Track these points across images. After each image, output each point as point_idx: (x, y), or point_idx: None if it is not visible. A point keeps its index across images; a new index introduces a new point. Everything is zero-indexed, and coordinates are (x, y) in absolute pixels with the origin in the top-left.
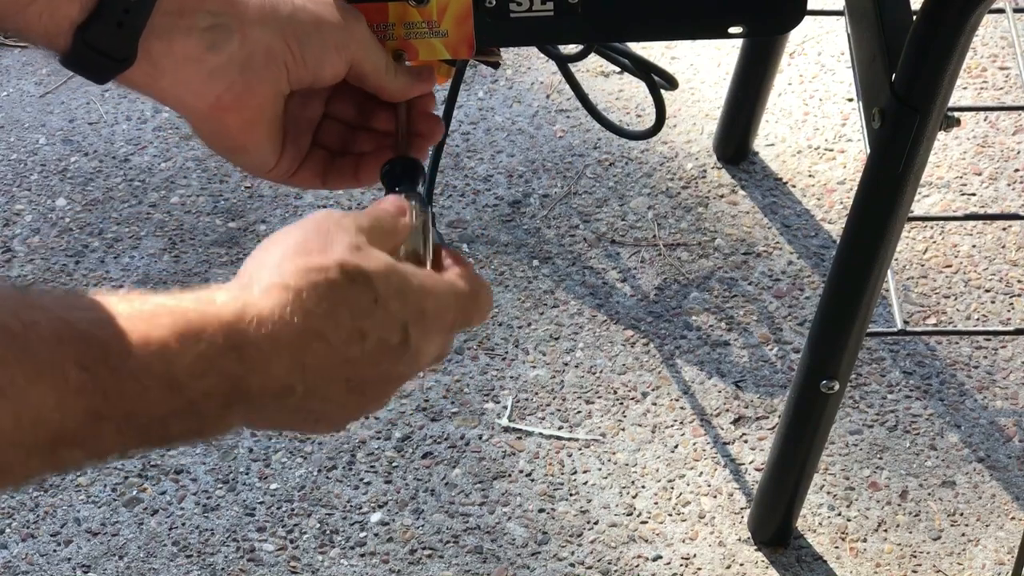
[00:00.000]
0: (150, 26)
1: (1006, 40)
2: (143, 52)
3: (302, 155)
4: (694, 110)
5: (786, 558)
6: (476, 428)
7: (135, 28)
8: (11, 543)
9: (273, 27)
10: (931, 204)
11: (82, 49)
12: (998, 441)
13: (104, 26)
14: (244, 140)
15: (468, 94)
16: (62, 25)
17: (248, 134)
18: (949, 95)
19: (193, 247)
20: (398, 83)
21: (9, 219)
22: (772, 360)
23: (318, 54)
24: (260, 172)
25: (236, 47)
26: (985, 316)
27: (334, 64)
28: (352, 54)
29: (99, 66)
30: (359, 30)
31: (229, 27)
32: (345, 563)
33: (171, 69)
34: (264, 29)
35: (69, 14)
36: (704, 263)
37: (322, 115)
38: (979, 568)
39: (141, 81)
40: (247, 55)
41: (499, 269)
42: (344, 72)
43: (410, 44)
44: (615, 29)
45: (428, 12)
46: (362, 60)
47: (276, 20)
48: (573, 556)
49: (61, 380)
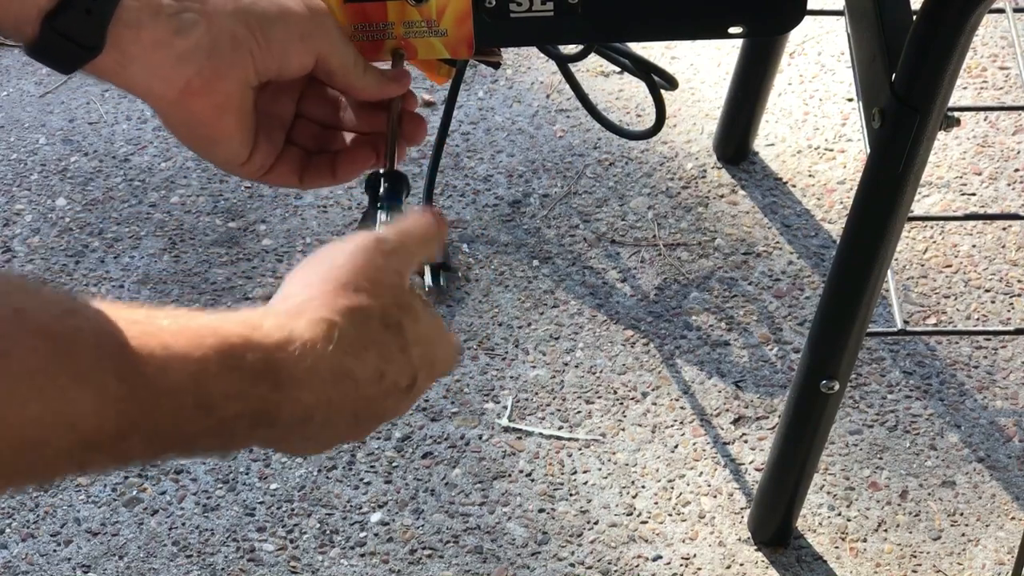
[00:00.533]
0: (118, 13)
1: (1006, 40)
2: (112, 39)
3: (276, 151)
4: (694, 110)
5: (786, 558)
6: (476, 428)
7: (104, 15)
8: (11, 543)
9: (237, 15)
10: (931, 204)
11: (50, 37)
12: (998, 441)
13: (73, 13)
14: (214, 130)
15: (468, 94)
16: (30, 13)
17: (217, 123)
18: (949, 95)
19: (193, 247)
20: (367, 81)
21: (9, 219)
22: (772, 360)
23: (283, 42)
24: (233, 167)
25: (202, 32)
26: (985, 316)
27: (300, 54)
28: (319, 47)
29: (67, 55)
30: (326, 23)
31: (194, 13)
32: (345, 563)
33: (140, 56)
34: (228, 16)
35: (38, 2)
36: (704, 263)
37: (295, 114)
38: (979, 568)
39: (109, 70)
40: (213, 41)
41: (499, 269)
42: (310, 64)
43: (409, 43)
44: (615, 29)
45: (427, 11)
46: (329, 55)
47: (240, 8)
48: (573, 556)
49: (101, 388)
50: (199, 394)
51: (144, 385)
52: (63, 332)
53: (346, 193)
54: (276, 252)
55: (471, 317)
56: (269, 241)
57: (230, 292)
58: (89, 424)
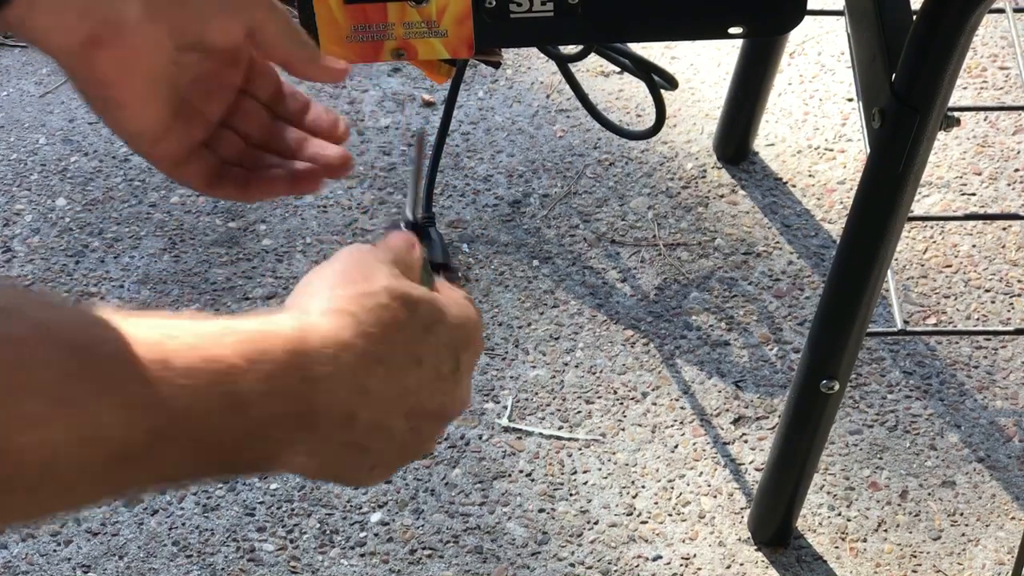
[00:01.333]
0: None
1: (1006, 40)
2: None
3: (190, 145)
4: (694, 110)
5: (786, 558)
6: (476, 428)
7: None
8: (11, 543)
9: None
10: (931, 204)
11: None
12: (998, 441)
13: None
14: (118, 91)
15: (468, 94)
16: None
17: (122, 82)
18: (949, 95)
19: (193, 247)
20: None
21: (9, 219)
22: (772, 360)
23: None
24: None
25: None
26: (985, 316)
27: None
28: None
29: None
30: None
31: None
32: (345, 563)
33: (46, 4)
34: None
35: None
36: (704, 263)
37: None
38: (979, 568)
39: (16, 22)
40: None
41: (499, 269)
42: (238, 34)
43: (410, 43)
44: (615, 29)
45: (428, 12)
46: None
47: None
48: (573, 556)
49: (124, 397)
50: (228, 392)
51: (170, 389)
52: (84, 343)
53: (346, 193)
54: (276, 252)
55: None
56: (269, 241)
57: (230, 292)
58: (117, 436)
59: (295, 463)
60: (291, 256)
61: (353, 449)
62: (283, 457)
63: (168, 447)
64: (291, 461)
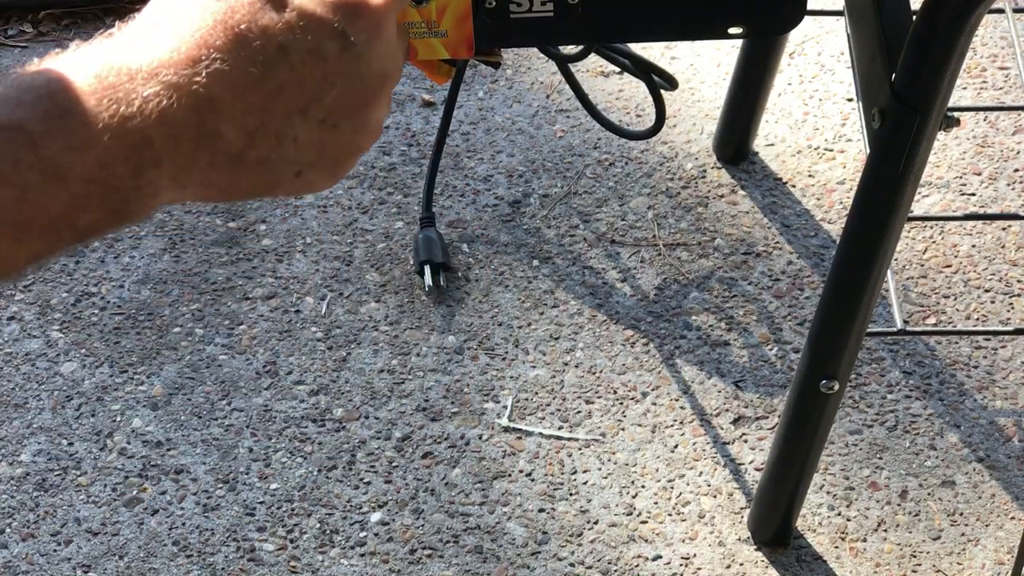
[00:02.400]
0: None
1: (1006, 40)
2: None
3: None
4: (694, 110)
5: (786, 558)
6: (476, 428)
7: None
8: (11, 543)
9: None
10: (931, 204)
11: None
12: (998, 441)
13: None
14: None
15: (468, 94)
16: None
17: None
18: (949, 95)
19: (193, 247)
20: None
21: None
22: (772, 360)
23: None
24: None
25: None
26: (985, 316)
27: None
28: None
29: None
30: None
31: None
32: (345, 563)
33: None
34: None
35: None
36: (704, 263)
37: None
38: (979, 568)
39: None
40: None
41: (499, 269)
42: None
43: (409, 44)
44: (615, 29)
45: (427, 12)
46: None
47: None
48: (573, 556)
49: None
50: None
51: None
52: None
53: (346, 193)
54: (276, 252)
55: (471, 317)
56: (269, 241)
57: (230, 292)
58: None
59: (167, 197)
60: (291, 256)
61: (242, 164)
62: (143, 199)
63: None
64: (156, 197)
